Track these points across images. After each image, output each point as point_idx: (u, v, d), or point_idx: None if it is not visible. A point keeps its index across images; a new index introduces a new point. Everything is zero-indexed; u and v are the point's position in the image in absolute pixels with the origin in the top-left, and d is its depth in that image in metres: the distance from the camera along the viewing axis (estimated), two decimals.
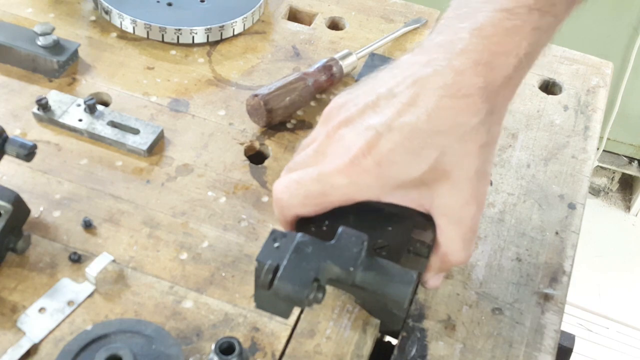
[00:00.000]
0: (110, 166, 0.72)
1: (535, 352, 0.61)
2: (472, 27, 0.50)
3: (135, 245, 0.66)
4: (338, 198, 0.55)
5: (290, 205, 0.56)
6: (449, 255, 0.58)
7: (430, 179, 0.53)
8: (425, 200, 0.55)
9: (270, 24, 0.91)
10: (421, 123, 0.50)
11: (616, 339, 1.95)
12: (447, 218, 0.56)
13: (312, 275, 0.51)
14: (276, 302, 0.52)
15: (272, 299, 0.52)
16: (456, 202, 0.54)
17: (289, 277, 0.50)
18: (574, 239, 0.71)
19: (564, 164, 0.78)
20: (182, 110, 0.78)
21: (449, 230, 0.56)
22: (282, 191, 0.56)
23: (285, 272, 0.51)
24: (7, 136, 0.62)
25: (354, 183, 0.53)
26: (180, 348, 0.58)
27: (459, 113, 0.50)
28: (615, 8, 1.90)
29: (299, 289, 0.50)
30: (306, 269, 0.51)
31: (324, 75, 0.80)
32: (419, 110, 0.50)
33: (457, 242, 0.57)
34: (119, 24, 0.85)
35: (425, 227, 0.57)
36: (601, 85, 0.88)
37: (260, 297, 0.54)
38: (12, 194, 0.62)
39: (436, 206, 0.55)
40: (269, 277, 0.51)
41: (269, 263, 0.52)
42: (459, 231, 0.56)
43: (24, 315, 0.60)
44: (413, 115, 0.50)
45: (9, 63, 0.81)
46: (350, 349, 0.60)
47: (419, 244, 0.58)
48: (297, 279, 0.50)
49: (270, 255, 0.52)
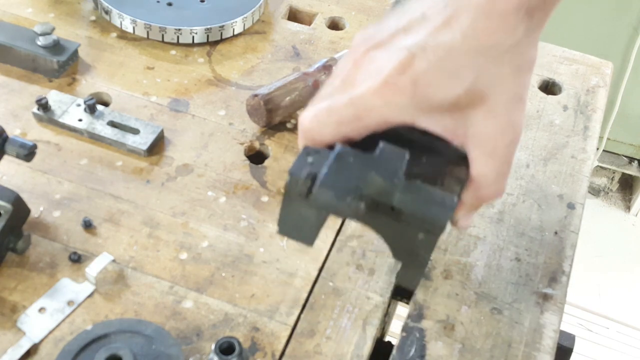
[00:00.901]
0: (110, 166, 0.72)
1: (534, 352, 0.62)
2: None
3: (135, 245, 0.66)
4: (372, 121, 0.52)
5: (321, 135, 0.53)
6: (482, 189, 0.55)
7: (465, 103, 0.51)
8: (460, 129, 0.53)
9: (270, 24, 0.91)
10: (456, 43, 0.49)
11: (616, 339, 1.95)
12: (481, 148, 0.53)
13: (354, 183, 0.48)
14: (304, 222, 0.49)
15: (301, 218, 0.49)
16: (491, 130, 0.52)
17: (330, 183, 0.47)
18: (573, 238, 0.71)
19: (564, 163, 0.78)
20: (182, 110, 0.79)
21: (482, 162, 0.53)
22: (312, 121, 0.53)
23: (326, 178, 0.48)
24: (7, 136, 0.62)
25: (389, 104, 0.51)
26: (180, 348, 0.58)
27: (494, 33, 0.48)
28: (615, 8, 1.90)
29: (342, 194, 0.47)
30: (348, 177, 0.48)
31: (324, 75, 0.80)
32: (453, 30, 0.49)
33: (491, 175, 0.54)
34: (119, 24, 0.85)
35: (458, 163, 0.54)
36: (601, 85, 0.88)
37: (286, 218, 0.51)
38: (12, 194, 0.62)
39: (471, 135, 0.53)
40: (308, 184, 0.48)
41: (306, 172, 0.49)
42: (494, 162, 0.53)
43: (24, 315, 0.60)
44: (447, 35, 0.49)
45: (9, 63, 0.81)
46: (350, 349, 0.60)
47: (451, 180, 0.55)
48: (339, 185, 0.47)
49: (304, 168, 0.49)
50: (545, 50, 0.91)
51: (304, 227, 0.51)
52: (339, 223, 0.70)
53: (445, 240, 0.69)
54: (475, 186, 0.55)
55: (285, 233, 0.53)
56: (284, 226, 0.52)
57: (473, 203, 0.57)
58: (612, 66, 0.92)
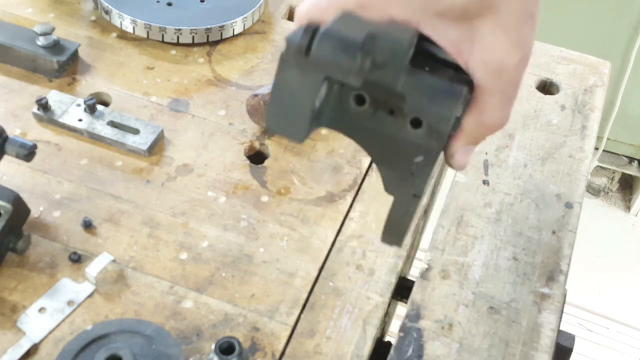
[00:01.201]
0: (110, 166, 0.72)
1: (532, 351, 0.62)
2: None
3: (135, 245, 0.66)
4: (376, 13, 0.48)
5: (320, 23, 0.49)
6: (486, 112, 0.51)
7: (474, 12, 0.49)
8: (465, 43, 0.50)
9: (270, 24, 0.91)
10: None
11: (616, 339, 1.95)
12: (487, 66, 0.50)
13: (359, 39, 0.42)
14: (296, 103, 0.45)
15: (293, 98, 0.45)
16: (499, 45, 0.49)
17: (332, 37, 0.42)
18: (571, 238, 0.71)
19: (561, 163, 0.78)
20: (182, 110, 0.79)
21: (487, 81, 0.50)
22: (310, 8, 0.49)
23: (328, 31, 0.43)
24: (7, 136, 0.63)
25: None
26: (180, 348, 0.58)
27: None
28: (615, 8, 1.90)
29: (347, 49, 0.42)
30: (352, 33, 0.43)
31: None
32: None
33: (495, 97, 0.50)
34: (119, 24, 0.85)
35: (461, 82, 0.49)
36: (599, 85, 0.89)
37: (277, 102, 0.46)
38: (12, 194, 0.62)
39: (476, 51, 0.50)
40: (307, 38, 0.43)
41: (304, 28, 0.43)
42: (499, 83, 0.50)
43: (24, 315, 0.60)
44: None
45: (9, 63, 0.81)
46: (350, 349, 0.61)
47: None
48: (343, 40, 0.42)
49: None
50: (542, 50, 0.92)
51: (295, 111, 0.46)
52: (339, 223, 0.70)
53: (443, 240, 0.69)
54: (479, 109, 0.51)
55: (274, 125, 0.47)
56: (274, 115, 0.47)
57: (474, 132, 0.53)
58: (610, 66, 0.92)
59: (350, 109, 0.47)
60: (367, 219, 0.70)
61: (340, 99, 0.47)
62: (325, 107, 0.47)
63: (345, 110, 0.48)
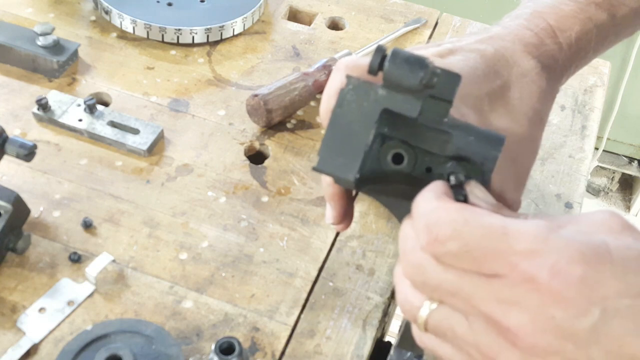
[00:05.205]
0: (110, 166, 0.72)
1: None
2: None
3: (135, 245, 0.66)
4: None
5: None
6: (503, 194, 0.54)
7: (492, 103, 0.55)
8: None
9: (270, 24, 0.91)
10: (488, 52, 0.56)
11: None
12: (502, 153, 0.52)
13: (426, 61, 0.46)
14: (351, 142, 0.47)
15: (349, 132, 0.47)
16: (513, 135, 0.54)
17: (402, 56, 0.46)
18: None
19: (561, 163, 0.78)
20: (182, 110, 0.79)
21: (503, 167, 0.52)
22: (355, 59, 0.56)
23: (397, 51, 0.46)
24: (7, 136, 0.63)
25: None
26: (180, 348, 0.58)
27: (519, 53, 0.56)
28: None
29: (416, 67, 0.45)
30: (419, 57, 0.46)
31: (324, 75, 0.80)
32: (486, 44, 0.56)
33: (510, 180, 0.54)
34: (119, 24, 0.85)
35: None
36: (599, 85, 0.89)
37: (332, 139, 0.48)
38: (12, 194, 0.62)
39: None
40: (379, 57, 0.46)
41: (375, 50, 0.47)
42: (514, 169, 0.54)
43: (24, 315, 0.60)
44: (482, 44, 0.56)
45: (9, 63, 0.81)
46: (350, 349, 0.61)
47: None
48: (412, 58, 0.46)
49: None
50: None
51: (350, 147, 0.47)
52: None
53: None
54: (496, 191, 0.53)
55: (326, 165, 0.48)
56: (327, 153, 0.48)
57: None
58: (610, 66, 0.92)
59: (388, 167, 0.49)
60: (367, 219, 0.70)
61: (379, 158, 0.49)
62: (367, 159, 0.48)
63: (382, 171, 0.49)
